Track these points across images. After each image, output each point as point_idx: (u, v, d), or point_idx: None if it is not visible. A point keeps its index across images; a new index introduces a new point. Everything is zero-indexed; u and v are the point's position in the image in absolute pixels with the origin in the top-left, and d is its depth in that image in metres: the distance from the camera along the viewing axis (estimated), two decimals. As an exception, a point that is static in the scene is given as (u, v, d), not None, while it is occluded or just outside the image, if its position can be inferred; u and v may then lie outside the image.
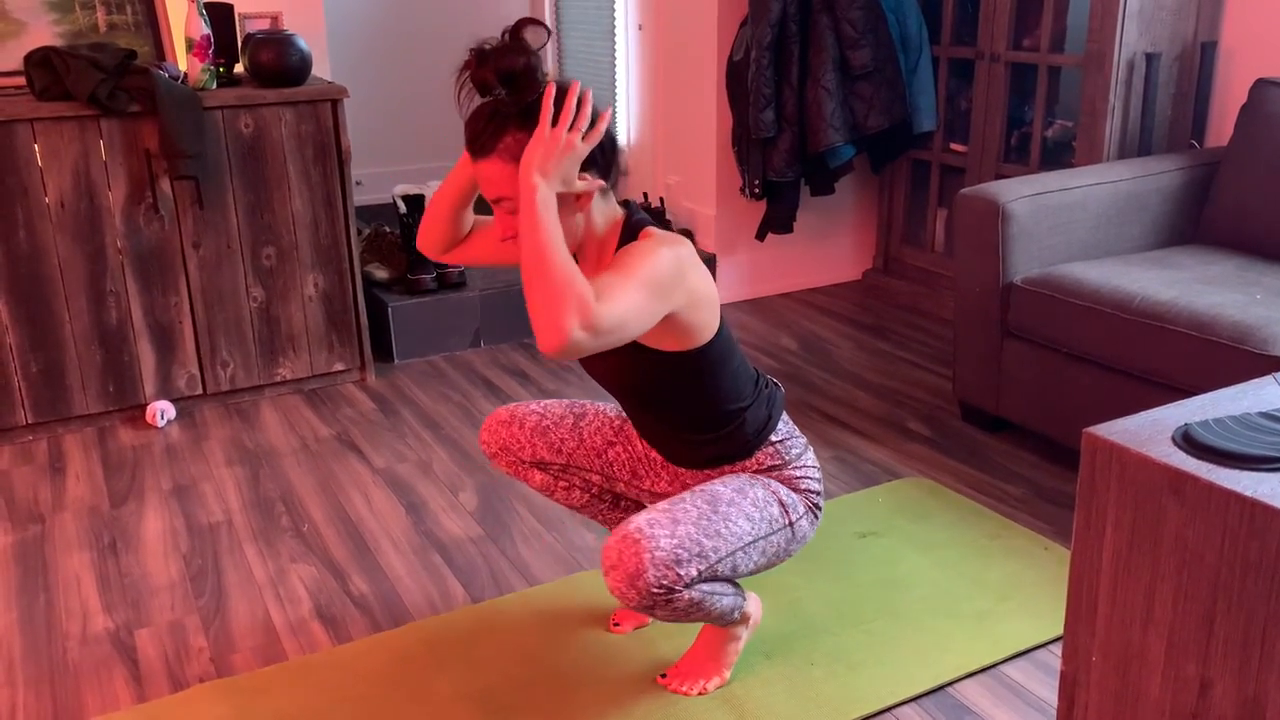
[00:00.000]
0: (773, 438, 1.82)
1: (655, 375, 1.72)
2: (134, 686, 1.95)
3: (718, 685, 1.88)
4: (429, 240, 1.82)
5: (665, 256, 1.57)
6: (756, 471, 1.82)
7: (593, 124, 1.57)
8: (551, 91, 1.54)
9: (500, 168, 1.58)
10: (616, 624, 2.07)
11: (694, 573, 1.66)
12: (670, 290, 1.58)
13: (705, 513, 1.70)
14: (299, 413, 3.10)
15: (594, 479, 1.99)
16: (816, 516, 1.85)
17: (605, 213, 1.68)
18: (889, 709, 1.85)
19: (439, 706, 1.86)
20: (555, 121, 1.54)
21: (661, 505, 1.70)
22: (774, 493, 1.79)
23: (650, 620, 2.07)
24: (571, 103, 1.55)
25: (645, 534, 1.64)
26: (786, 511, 1.79)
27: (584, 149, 1.56)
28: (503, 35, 1.57)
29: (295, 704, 1.88)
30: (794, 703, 1.85)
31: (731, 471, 1.82)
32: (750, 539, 1.73)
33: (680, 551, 1.65)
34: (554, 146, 1.53)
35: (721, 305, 3.89)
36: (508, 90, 1.56)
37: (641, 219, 1.70)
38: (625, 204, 1.72)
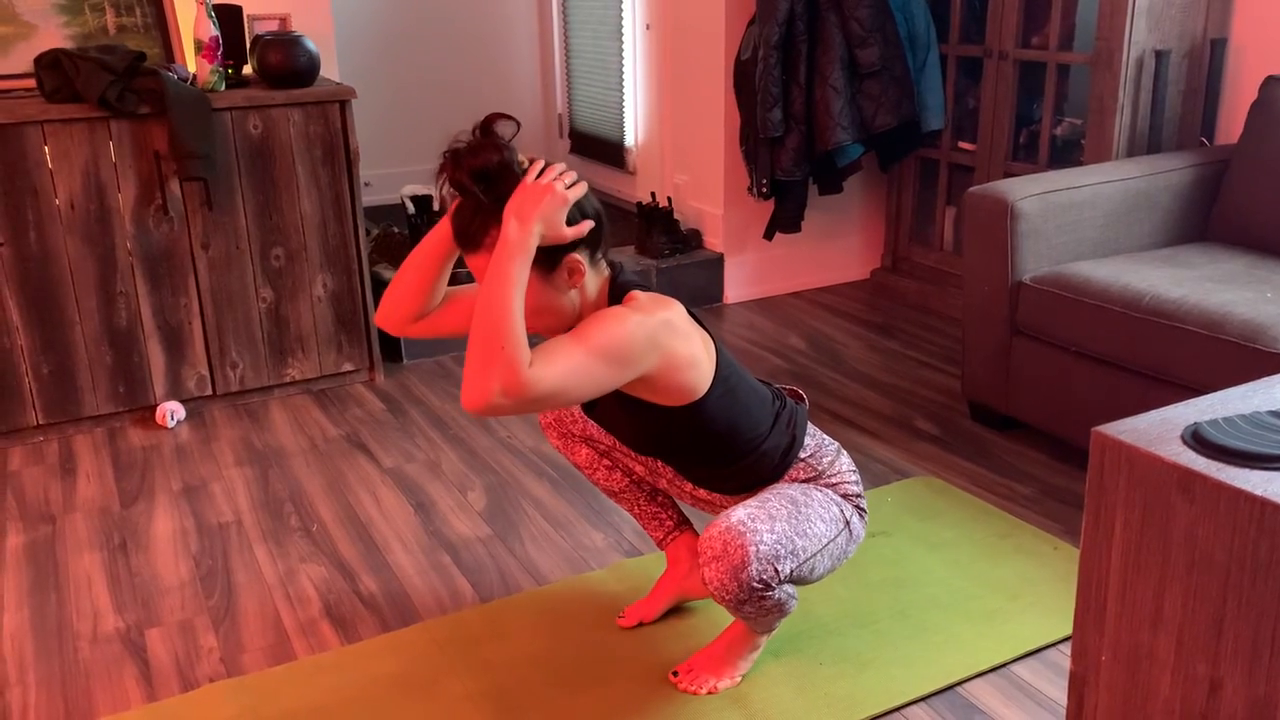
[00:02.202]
0: (801, 454, 1.83)
1: (659, 428, 1.74)
2: (144, 686, 1.96)
3: (728, 686, 1.89)
4: (398, 312, 1.74)
5: (632, 325, 1.57)
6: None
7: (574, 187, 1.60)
8: (540, 163, 1.57)
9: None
10: (622, 616, 2.08)
11: (788, 570, 1.70)
12: (632, 359, 1.57)
13: (793, 512, 1.73)
14: (308, 413, 3.10)
15: (637, 468, 2.01)
16: (863, 516, 1.87)
17: (596, 281, 1.68)
18: (898, 708, 1.84)
19: (448, 706, 1.87)
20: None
21: (752, 502, 1.73)
22: (829, 496, 1.81)
23: (655, 616, 2.07)
24: (556, 166, 1.58)
25: (749, 527, 1.67)
26: (842, 512, 1.81)
27: (567, 195, 1.56)
28: (473, 131, 1.59)
29: (305, 704, 1.88)
30: (803, 702, 1.85)
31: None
32: (828, 539, 1.77)
33: (779, 548, 1.68)
34: (535, 190, 1.54)
35: (729, 305, 3.91)
36: (483, 188, 1.56)
37: (627, 281, 1.70)
38: (612, 264, 1.72)
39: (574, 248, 1.61)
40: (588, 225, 1.60)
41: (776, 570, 1.68)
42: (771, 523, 1.69)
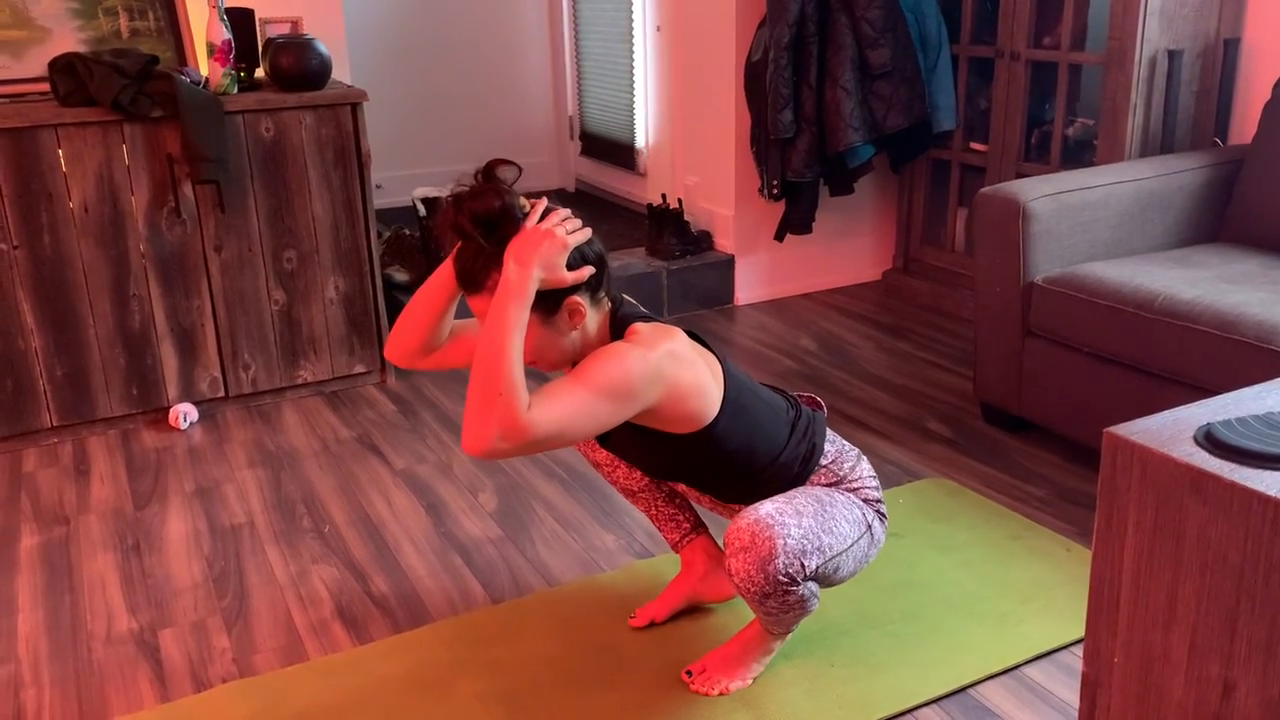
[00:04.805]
0: (822, 461, 1.83)
1: (672, 455, 1.75)
2: (158, 686, 1.97)
3: (740, 687, 1.88)
4: (404, 347, 1.76)
5: (632, 361, 1.58)
6: None
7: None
8: (542, 204, 1.59)
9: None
10: (633, 617, 2.08)
11: (814, 566, 1.71)
12: (634, 395, 1.58)
13: (819, 510, 1.74)
14: (320, 415, 3.11)
15: None
16: (884, 521, 1.87)
17: (597, 317, 1.69)
18: (910, 710, 1.84)
19: (459, 707, 1.87)
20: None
21: (779, 498, 1.74)
22: (851, 499, 1.82)
23: (666, 616, 2.07)
24: (559, 211, 1.60)
25: (778, 520, 1.67)
26: (864, 516, 1.82)
27: (567, 240, 1.58)
28: (475, 175, 1.61)
29: (317, 704, 1.89)
30: (814, 704, 1.84)
31: None
32: (852, 541, 1.77)
33: (806, 543, 1.69)
34: (534, 235, 1.56)
35: (740, 307, 3.91)
36: (483, 232, 1.57)
37: (627, 313, 1.71)
38: (613, 299, 1.73)
39: (575, 290, 1.62)
40: (588, 271, 1.62)
41: (803, 565, 1.68)
42: (799, 518, 1.70)
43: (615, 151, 4.82)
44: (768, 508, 1.70)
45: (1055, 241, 2.63)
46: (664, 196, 4.01)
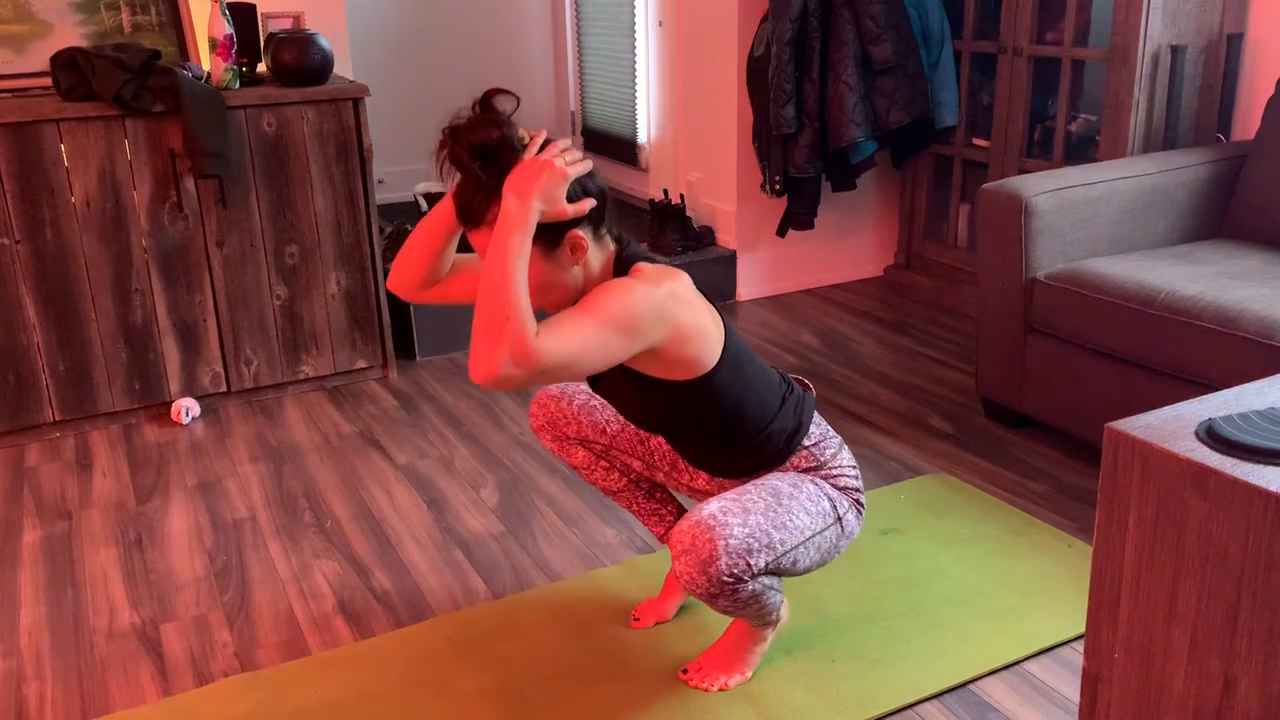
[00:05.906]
0: (805, 442, 1.82)
1: (665, 404, 1.73)
2: (160, 680, 1.97)
3: (739, 682, 1.88)
4: (406, 279, 1.76)
5: (639, 295, 1.56)
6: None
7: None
8: (541, 136, 1.57)
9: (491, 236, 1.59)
10: (637, 619, 2.07)
11: (763, 563, 1.68)
12: (640, 329, 1.56)
13: (771, 504, 1.72)
14: (322, 410, 3.12)
15: (634, 464, 2.00)
16: (860, 512, 1.85)
17: (601, 255, 1.68)
18: (910, 706, 1.84)
19: (460, 701, 1.87)
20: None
21: (729, 495, 1.72)
22: (821, 489, 1.80)
23: (671, 616, 2.07)
24: (559, 142, 1.58)
25: (720, 520, 1.65)
26: (835, 507, 1.80)
27: (567, 171, 1.56)
28: (473, 107, 1.58)
29: (318, 698, 1.89)
30: (814, 699, 1.85)
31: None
32: (811, 533, 1.75)
33: (751, 541, 1.66)
34: (532, 166, 1.54)
35: (742, 303, 3.91)
36: (481, 164, 1.56)
37: (633, 254, 1.69)
38: (619, 239, 1.72)
39: (576, 224, 1.60)
40: (589, 203, 1.59)
41: (749, 564, 1.66)
42: (745, 516, 1.67)
43: (617, 147, 4.82)
44: (712, 507, 1.68)
45: (1057, 238, 2.63)
46: (666, 192, 4.01)
